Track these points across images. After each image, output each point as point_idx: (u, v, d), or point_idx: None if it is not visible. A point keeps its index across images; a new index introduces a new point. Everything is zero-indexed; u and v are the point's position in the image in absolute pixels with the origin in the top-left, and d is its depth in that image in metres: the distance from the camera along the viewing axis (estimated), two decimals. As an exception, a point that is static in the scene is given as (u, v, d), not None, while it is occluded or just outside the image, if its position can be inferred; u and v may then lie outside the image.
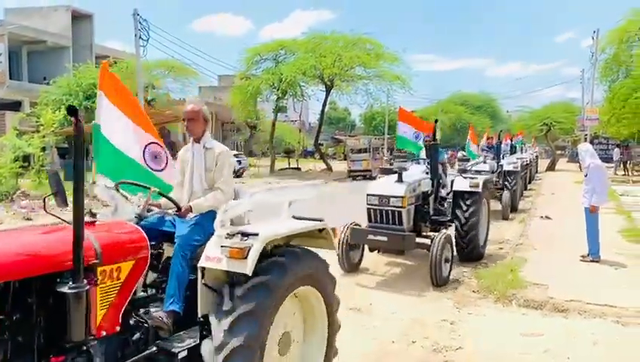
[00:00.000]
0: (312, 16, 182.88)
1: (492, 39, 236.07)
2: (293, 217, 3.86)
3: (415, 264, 8.63)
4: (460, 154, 31.05)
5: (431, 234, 7.94)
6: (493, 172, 14.15)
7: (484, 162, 14.53)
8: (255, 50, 32.86)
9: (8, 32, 32.61)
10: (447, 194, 8.73)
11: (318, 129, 39.66)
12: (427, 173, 8.55)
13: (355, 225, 7.82)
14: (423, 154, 9.84)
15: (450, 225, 8.47)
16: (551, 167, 38.17)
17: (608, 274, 7.78)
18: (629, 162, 31.58)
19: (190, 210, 3.79)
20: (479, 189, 8.41)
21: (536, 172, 30.23)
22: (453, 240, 8.02)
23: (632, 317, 5.89)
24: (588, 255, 8.48)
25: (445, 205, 8.70)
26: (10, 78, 33.35)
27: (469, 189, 8.41)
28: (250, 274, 3.16)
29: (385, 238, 7.35)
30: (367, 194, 7.67)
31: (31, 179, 18.40)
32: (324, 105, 37.34)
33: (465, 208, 8.32)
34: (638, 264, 8.30)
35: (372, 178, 29.04)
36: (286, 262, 3.37)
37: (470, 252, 8.46)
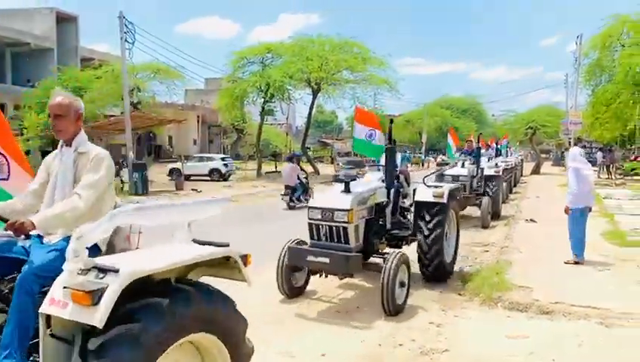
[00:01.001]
0: (300, 20, 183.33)
1: (478, 43, 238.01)
2: (194, 241, 3.16)
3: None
4: (439, 158, 31.16)
5: (389, 251, 6.82)
6: (473, 176, 13.70)
7: (463, 166, 13.79)
8: (242, 54, 32.80)
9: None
10: (410, 205, 7.81)
11: (305, 132, 39.65)
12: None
13: (299, 242, 6.70)
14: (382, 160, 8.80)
15: (413, 240, 7.48)
16: (536, 171, 38.55)
17: (592, 276, 7.85)
18: (612, 166, 32.00)
19: (32, 226, 2.82)
20: (444, 200, 7.33)
21: (522, 175, 30.51)
22: (417, 257, 7.31)
23: (616, 319, 5.95)
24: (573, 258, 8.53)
25: (408, 217, 7.79)
26: (-7, 81, 32.96)
27: (432, 200, 7.34)
28: (100, 326, 2.40)
29: (327, 260, 6.17)
30: (309, 208, 6.54)
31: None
32: (311, 108, 37.36)
33: (428, 220, 7.26)
34: (621, 266, 8.39)
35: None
36: (165, 304, 2.58)
37: (435, 270, 7.38)
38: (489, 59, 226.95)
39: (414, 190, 7.72)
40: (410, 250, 7.33)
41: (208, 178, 29.81)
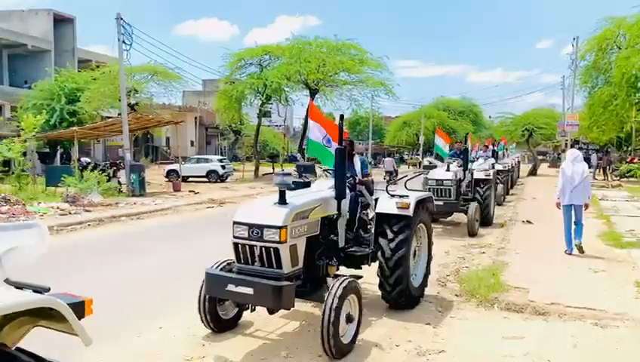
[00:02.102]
0: (298, 22, 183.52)
1: (473, 46, 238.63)
2: (7, 282, 2.33)
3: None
4: (425, 160, 31.01)
5: (342, 275, 5.66)
6: (461, 180, 12.64)
7: (448, 169, 12.59)
8: (239, 55, 32.82)
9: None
10: (371, 218, 6.57)
11: (303, 134, 39.63)
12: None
13: (224, 266, 5.36)
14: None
15: (376, 258, 6.28)
16: (533, 172, 38.66)
17: (588, 277, 7.90)
18: (608, 167, 32.10)
19: None
20: (409, 212, 6.14)
21: (518, 177, 30.58)
22: (378, 279, 6.27)
23: (611, 320, 5.99)
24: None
25: (372, 231, 6.44)
26: (-10, 82, 32.93)
27: (395, 211, 6.17)
28: None
29: (250, 290, 4.84)
30: (233, 223, 5.10)
31: (11, 184, 18.18)
32: (308, 110, 37.38)
33: (390, 237, 6.07)
34: (617, 267, 8.45)
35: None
36: None
37: (399, 296, 6.21)
38: (485, 62, 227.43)
39: (376, 200, 6.47)
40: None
41: (206, 179, 29.81)
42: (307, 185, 6.35)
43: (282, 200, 5.08)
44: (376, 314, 6.23)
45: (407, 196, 6.33)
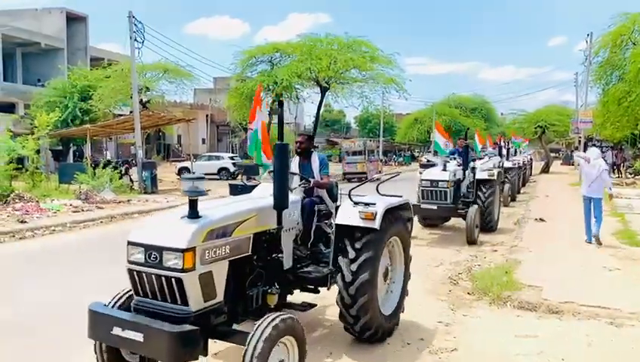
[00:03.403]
0: (309, 20, 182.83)
1: (485, 43, 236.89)
2: None
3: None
4: (423, 158, 30.74)
5: (293, 304, 5.13)
6: (460, 181, 11.45)
7: (445, 169, 11.28)
8: (250, 53, 32.86)
9: (2, 33, 32.53)
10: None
11: (313, 131, 39.64)
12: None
13: (125, 297, 4.24)
14: (294, 166, 5.83)
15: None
16: (545, 170, 38.36)
17: (602, 275, 7.82)
18: (622, 165, 31.74)
19: None
20: (375, 224, 4.92)
21: (531, 174, 30.36)
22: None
23: (626, 319, 5.92)
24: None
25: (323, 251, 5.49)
26: (4, 80, 33.29)
27: (359, 223, 4.97)
28: None
29: (139, 336, 3.64)
30: (128, 243, 3.95)
31: (25, 181, 18.35)
32: (319, 107, 37.34)
33: (352, 257, 4.89)
34: (632, 265, 8.36)
35: (369, 180, 29.07)
36: None
37: (364, 329, 5.03)
38: (496, 59, 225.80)
39: (337, 208, 5.42)
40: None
41: (217, 177, 29.94)
42: (249, 190, 5.38)
43: (193, 213, 3.87)
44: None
45: (374, 204, 5.03)
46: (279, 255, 4.78)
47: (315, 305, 5.26)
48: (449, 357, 5.01)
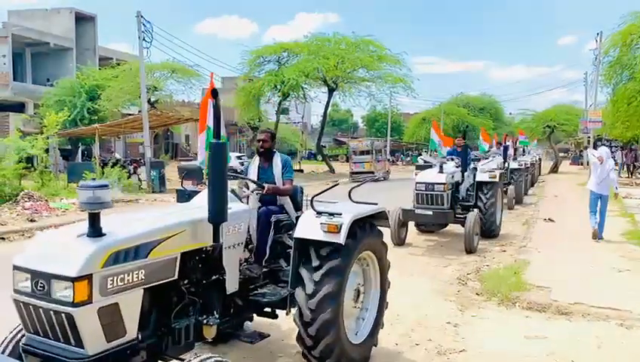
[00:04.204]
0: (318, 19, 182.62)
1: (494, 42, 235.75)
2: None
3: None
4: (420, 160, 30.37)
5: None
6: (458, 183, 10.65)
7: (441, 171, 10.30)
8: (258, 52, 32.94)
9: (12, 33, 32.75)
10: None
11: (321, 131, 39.69)
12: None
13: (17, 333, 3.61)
14: (253, 168, 5.27)
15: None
16: (554, 170, 38.15)
17: (612, 276, 7.75)
18: (632, 164, 31.50)
19: None
20: (339, 238, 4.23)
21: (539, 174, 30.19)
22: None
23: (637, 320, 5.87)
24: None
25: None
26: (14, 80, 33.48)
27: (320, 238, 4.31)
28: None
29: None
30: (13, 267, 3.26)
31: (34, 181, 18.46)
32: (326, 107, 37.39)
33: (316, 264, 4.32)
34: (642, 267, 8.28)
35: (375, 180, 29.07)
36: None
37: (324, 354, 4.28)
38: (506, 59, 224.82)
39: (297, 218, 4.75)
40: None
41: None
42: (189, 197, 4.62)
43: (93, 231, 3.12)
44: (396, 313, 6.18)
45: (340, 214, 4.32)
46: (221, 277, 4.02)
47: (268, 335, 4.38)
48: (457, 357, 4.99)
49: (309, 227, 4.36)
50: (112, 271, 3.07)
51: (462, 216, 10.15)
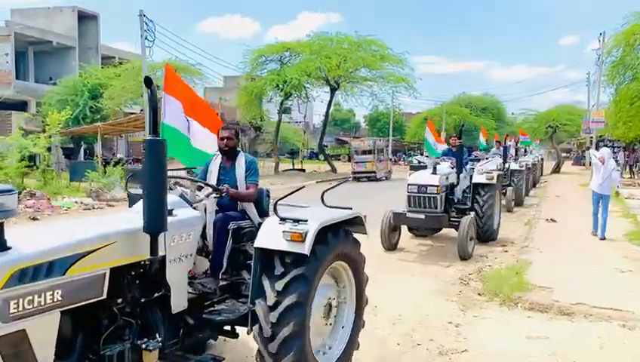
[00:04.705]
0: (320, 19, 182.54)
1: (497, 42, 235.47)
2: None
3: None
4: (414, 159, 30.21)
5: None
6: (454, 185, 10.11)
7: (434, 172, 9.73)
8: (260, 52, 32.96)
9: (14, 32, 32.80)
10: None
11: (323, 130, 39.70)
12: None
13: None
14: (213, 168, 4.78)
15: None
16: (556, 170, 38.10)
17: (614, 277, 7.74)
18: (635, 165, 31.45)
19: None
20: (303, 248, 3.74)
21: (541, 174, 30.16)
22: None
23: (639, 321, 5.85)
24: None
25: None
26: (17, 79, 33.55)
27: (283, 248, 3.83)
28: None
29: None
30: None
31: (36, 179, 18.50)
32: (328, 106, 37.39)
33: (279, 272, 3.83)
34: (645, 267, 8.27)
35: (376, 179, 29.06)
36: None
37: None
38: (508, 58, 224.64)
39: (259, 225, 4.25)
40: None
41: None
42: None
43: None
44: (398, 312, 6.18)
45: (306, 221, 3.85)
46: (165, 294, 3.53)
47: (222, 359, 3.83)
48: (459, 358, 4.98)
49: (270, 235, 3.88)
50: (15, 293, 2.57)
51: (457, 219, 9.63)
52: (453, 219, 9.75)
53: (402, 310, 6.26)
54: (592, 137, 29.76)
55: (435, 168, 9.86)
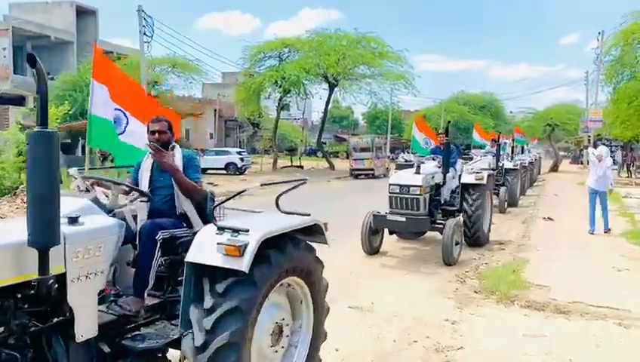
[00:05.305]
0: (321, 16, 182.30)
1: (497, 41, 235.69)
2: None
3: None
4: (401, 157, 30.16)
5: None
6: (440, 185, 9.43)
7: (418, 172, 9.07)
8: (259, 48, 32.91)
9: (12, 26, 32.67)
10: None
11: (321, 127, 39.68)
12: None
13: None
14: (146, 166, 4.15)
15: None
16: (554, 168, 38.16)
17: (611, 276, 7.76)
18: (632, 164, 31.51)
19: None
20: (241, 265, 3.15)
21: (539, 173, 30.19)
22: None
23: (635, 320, 5.86)
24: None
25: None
26: (15, 73, 33.41)
27: (218, 263, 3.26)
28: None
29: None
30: None
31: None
32: (327, 103, 37.37)
33: (209, 305, 3.28)
34: (641, 266, 8.29)
35: (374, 176, 29.07)
36: None
37: None
38: (508, 57, 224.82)
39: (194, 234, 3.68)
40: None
41: (225, 171, 29.98)
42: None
43: None
44: (394, 310, 6.18)
45: (247, 231, 3.24)
46: (69, 319, 2.99)
47: None
48: (455, 355, 4.98)
49: (204, 248, 3.25)
50: None
51: (443, 222, 8.87)
52: (439, 222, 9.04)
53: (398, 307, 6.27)
54: (589, 136, 29.78)
55: (418, 167, 9.22)
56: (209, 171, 29.15)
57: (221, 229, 3.32)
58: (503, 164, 15.72)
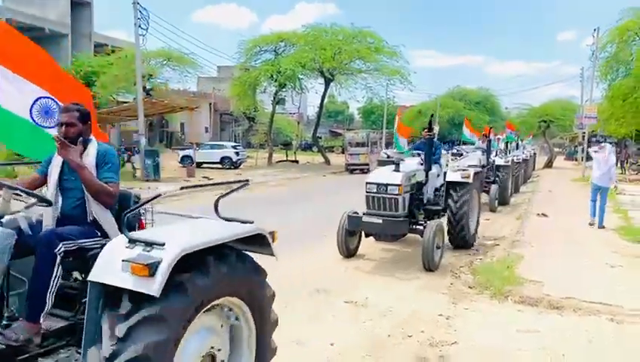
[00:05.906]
0: (317, 10, 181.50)
1: (494, 36, 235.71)
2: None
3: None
4: (382, 154, 30.03)
5: None
6: (421, 184, 8.76)
7: (397, 170, 8.34)
8: (254, 42, 32.79)
9: (6, 18, 32.42)
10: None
11: (317, 122, 39.66)
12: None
13: None
14: (56, 165, 3.49)
15: None
16: (548, 165, 38.29)
17: (604, 272, 7.81)
18: (626, 161, 31.66)
19: None
20: (152, 289, 2.56)
21: (534, 169, 30.27)
22: None
23: (627, 316, 5.90)
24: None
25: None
26: (8, 65, 33.16)
27: (127, 285, 2.68)
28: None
29: None
30: None
31: (28, 167, 18.36)
32: (322, 98, 37.32)
33: (120, 335, 2.67)
34: (634, 262, 8.35)
35: (369, 171, 29.04)
36: None
37: None
38: (505, 53, 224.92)
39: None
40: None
41: (220, 165, 29.93)
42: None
43: None
44: (389, 304, 6.20)
45: (162, 244, 2.70)
46: None
47: None
48: (449, 349, 5.01)
49: (109, 265, 2.70)
50: None
51: (424, 224, 8.25)
52: (421, 223, 8.37)
53: (393, 302, 6.29)
54: (584, 133, 29.87)
55: (397, 165, 8.48)
56: (204, 165, 29.11)
57: (132, 242, 2.76)
58: (494, 161, 15.33)
